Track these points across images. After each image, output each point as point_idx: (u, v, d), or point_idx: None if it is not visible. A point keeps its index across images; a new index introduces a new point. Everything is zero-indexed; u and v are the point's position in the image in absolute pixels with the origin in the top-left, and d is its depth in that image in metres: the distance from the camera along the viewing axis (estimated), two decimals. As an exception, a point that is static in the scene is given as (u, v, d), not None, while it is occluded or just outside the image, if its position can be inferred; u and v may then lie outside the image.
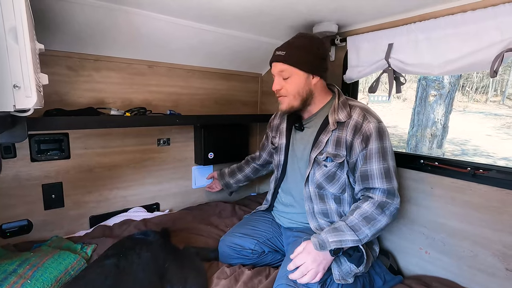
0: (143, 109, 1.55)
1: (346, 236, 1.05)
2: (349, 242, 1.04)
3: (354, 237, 1.05)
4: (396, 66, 1.34)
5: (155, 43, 1.55)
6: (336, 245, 1.04)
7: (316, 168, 1.21)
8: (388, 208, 1.09)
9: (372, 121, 1.14)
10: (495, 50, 1.03)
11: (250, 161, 1.74)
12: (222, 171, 1.79)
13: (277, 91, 1.21)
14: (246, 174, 1.73)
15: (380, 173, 1.11)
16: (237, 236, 1.36)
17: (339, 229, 1.07)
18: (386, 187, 1.10)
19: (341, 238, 1.04)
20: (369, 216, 1.08)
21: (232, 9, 1.27)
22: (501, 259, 1.10)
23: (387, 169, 1.12)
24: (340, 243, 1.04)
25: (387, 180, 1.11)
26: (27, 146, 1.40)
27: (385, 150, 1.13)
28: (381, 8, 1.26)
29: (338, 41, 1.56)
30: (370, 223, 1.07)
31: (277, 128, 1.46)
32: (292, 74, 1.17)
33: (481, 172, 1.15)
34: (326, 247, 1.04)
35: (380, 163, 1.11)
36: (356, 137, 1.14)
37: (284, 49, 1.18)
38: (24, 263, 1.09)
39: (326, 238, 1.05)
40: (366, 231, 1.06)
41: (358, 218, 1.08)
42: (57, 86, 1.44)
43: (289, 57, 1.16)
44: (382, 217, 1.08)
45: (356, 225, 1.06)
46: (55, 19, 1.20)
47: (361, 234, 1.06)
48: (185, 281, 1.09)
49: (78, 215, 1.59)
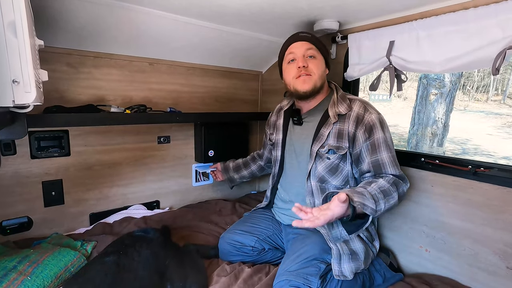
0: (143, 107, 1.55)
1: (368, 202, 0.94)
2: (369, 209, 0.94)
3: (373, 205, 0.95)
4: (397, 64, 1.33)
5: (155, 41, 1.54)
6: (359, 205, 0.92)
7: (318, 162, 1.21)
8: (401, 187, 1.10)
9: (373, 112, 1.17)
10: (497, 47, 1.02)
11: (257, 159, 1.73)
12: (226, 165, 1.76)
13: (304, 68, 1.18)
14: (252, 171, 1.72)
15: (390, 161, 1.12)
16: (237, 233, 1.36)
17: (362, 193, 0.97)
18: (398, 173, 1.13)
19: (364, 202, 0.94)
20: (386, 190, 1.03)
21: (233, 7, 1.26)
22: (502, 257, 1.09)
23: (394, 157, 1.15)
24: (362, 206, 0.93)
25: (397, 167, 1.14)
26: (27, 143, 1.40)
27: (389, 140, 1.16)
28: (382, 6, 1.26)
29: (339, 38, 1.55)
30: (386, 197, 1.01)
31: (274, 124, 1.47)
32: (317, 56, 1.22)
33: (482, 170, 1.15)
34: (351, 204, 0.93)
35: (388, 152, 1.13)
36: (359, 128, 1.15)
37: (308, 33, 1.24)
38: (24, 260, 1.09)
39: (352, 197, 0.93)
40: (382, 205, 0.99)
41: (377, 190, 1.01)
42: (57, 83, 1.43)
43: (315, 40, 1.24)
44: (396, 194, 1.05)
45: (375, 195, 0.98)
46: (55, 16, 1.20)
47: (378, 205, 0.97)
48: (185, 279, 1.09)
49: (78, 212, 1.59)
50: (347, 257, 1.11)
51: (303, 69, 1.19)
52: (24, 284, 0.98)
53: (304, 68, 1.19)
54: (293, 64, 1.22)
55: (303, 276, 1.04)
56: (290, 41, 1.25)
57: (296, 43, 1.22)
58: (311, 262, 1.10)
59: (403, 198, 1.12)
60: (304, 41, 1.21)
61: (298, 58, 1.20)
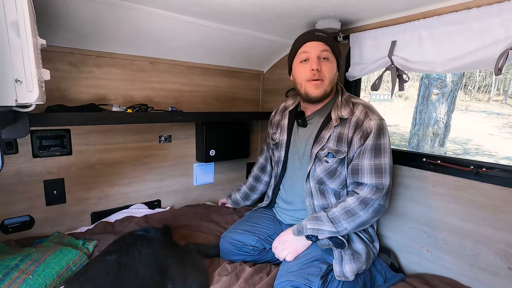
0: (145, 106, 1.55)
1: (324, 227, 1.09)
2: (326, 232, 1.09)
3: (332, 228, 1.09)
4: (399, 64, 1.33)
5: (157, 40, 1.54)
6: (312, 232, 1.10)
7: (317, 164, 1.21)
8: (371, 205, 1.09)
9: (374, 118, 1.14)
10: (500, 47, 1.02)
11: (261, 177, 1.65)
12: (234, 199, 1.72)
13: (318, 71, 1.14)
14: (261, 191, 1.67)
15: (370, 169, 1.11)
16: (238, 232, 1.36)
17: (319, 218, 1.12)
18: (374, 183, 1.10)
19: (318, 227, 1.10)
20: (351, 210, 1.10)
21: (235, 6, 1.26)
22: (503, 258, 1.09)
23: (379, 166, 1.11)
24: (317, 231, 1.10)
25: (377, 176, 1.10)
26: (29, 142, 1.40)
27: (380, 147, 1.12)
28: (384, 5, 1.25)
29: (341, 38, 1.55)
30: (351, 217, 1.09)
31: (278, 124, 1.45)
32: (331, 58, 1.18)
33: (484, 170, 1.15)
34: (303, 232, 1.12)
35: (372, 159, 1.11)
36: (356, 133, 1.14)
37: (324, 33, 1.20)
38: (26, 258, 1.09)
39: (305, 225, 1.12)
40: (345, 225, 1.09)
41: (340, 211, 1.10)
42: (58, 82, 1.44)
43: (331, 41, 1.19)
44: (364, 212, 1.09)
45: (337, 217, 1.09)
46: (57, 15, 1.20)
47: (340, 226, 1.09)
48: (186, 278, 1.09)
49: (80, 211, 1.59)
50: (349, 257, 1.11)
51: (317, 72, 1.15)
52: (26, 282, 0.99)
53: (318, 71, 1.15)
54: (306, 65, 1.17)
55: (304, 277, 1.04)
56: (305, 39, 1.19)
57: (311, 43, 1.17)
58: (313, 262, 1.10)
59: (380, 212, 1.13)
60: (320, 42, 1.16)
61: (312, 60, 1.15)
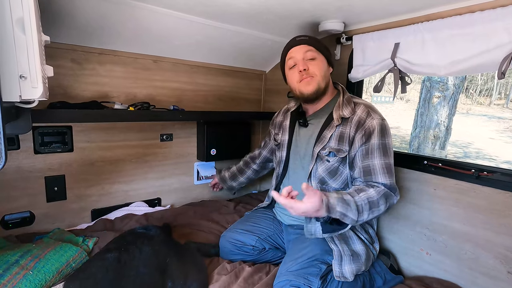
0: (147, 104, 1.55)
1: (350, 213, 1.00)
2: (349, 220, 1.01)
3: (354, 217, 1.00)
4: (402, 66, 1.33)
5: (160, 38, 1.54)
6: (339, 216, 0.99)
7: (319, 163, 1.21)
8: (390, 200, 1.09)
9: (376, 117, 1.15)
10: (503, 51, 1.02)
11: (250, 163, 1.73)
12: (222, 176, 1.79)
13: (305, 71, 1.20)
14: (248, 176, 1.73)
15: (382, 168, 1.11)
16: (238, 232, 1.36)
17: (347, 202, 1.00)
18: (388, 183, 1.11)
19: (345, 212, 0.99)
20: (375, 201, 1.04)
21: (238, 6, 1.26)
22: (503, 262, 1.09)
23: (389, 165, 1.13)
24: (343, 216, 0.99)
25: (389, 175, 1.12)
26: (30, 138, 1.41)
27: (386, 146, 1.14)
28: (387, 7, 1.25)
29: (344, 39, 1.55)
30: (371, 209, 1.03)
31: (280, 125, 1.46)
32: (317, 57, 1.22)
33: (486, 174, 1.14)
34: (332, 213, 0.98)
35: (381, 159, 1.12)
36: (358, 131, 1.15)
37: (306, 36, 1.25)
38: (26, 254, 1.09)
39: (335, 205, 0.98)
40: (365, 216, 1.03)
41: (364, 200, 1.03)
42: (61, 78, 1.44)
43: (313, 41, 1.24)
44: (383, 207, 1.07)
45: (361, 206, 1.02)
46: (61, 11, 1.20)
47: (361, 216, 1.02)
48: (186, 277, 1.09)
49: (80, 208, 1.59)
50: (348, 258, 1.11)
51: (304, 72, 1.20)
52: (26, 278, 0.99)
53: (305, 71, 1.20)
54: (295, 69, 1.24)
55: (304, 276, 1.04)
56: (289, 46, 1.27)
57: (294, 48, 1.23)
58: (312, 262, 1.10)
59: (392, 206, 1.12)
60: (302, 45, 1.22)
61: (298, 62, 1.22)
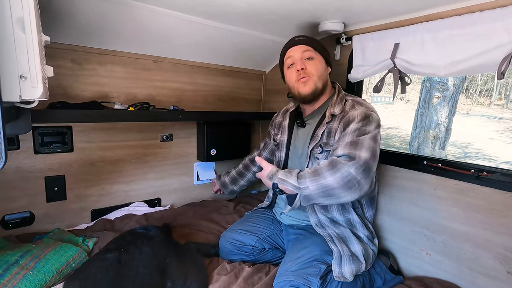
0: (147, 104, 1.55)
1: (290, 180, 1.08)
2: (290, 185, 1.08)
3: (295, 183, 1.06)
4: (401, 66, 1.33)
5: (160, 38, 1.54)
6: (279, 181, 1.11)
7: (312, 161, 1.23)
8: (339, 169, 1.00)
9: (359, 108, 1.16)
10: (503, 51, 1.02)
11: (250, 165, 1.72)
12: (222, 181, 1.79)
13: (303, 70, 1.22)
14: (248, 179, 1.73)
15: (346, 144, 1.08)
16: (238, 232, 1.36)
17: (290, 172, 1.11)
18: (347, 152, 1.05)
19: (286, 179, 1.09)
20: (318, 170, 1.05)
21: (239, 6, 1.26)
22: (502, 262, 1.09)
23: (356, 140, 1.07)
24: (283, 182, 1.09)
25: (351, 147, 1.05)
26: (30, 138, 1.41)
27: (365, 131, 1.09)
28: (387, 8, 1.25)
29: (344, 40, 1.55)
30: (315, 177, 1.03)
31: (279, 125, 1.47)
32: (315, 57, 1.24)
33: (485, 174, 1.14)
34: (272, 179, 1.13)
35: (352, 138, 1.08)
36: (341, 123, 1.16)
37: (304, 36, 1.27)
38: (26, 254, 1.09)
39: (277, 174, 1.13)
40: (308, 183, 1.04)
41: (309, 170, 1.09)
42: (61, 79, 1.44)
43: (311, 41, 1.26)
44: (330, 175, 1.01)
45: (304, 175, 1.07)
46: (61, 11, 1.20)
47: (303, 183, 1.05)
48: (186, 277, 1.09)
49: (80, 208, 1.59)
50: (348, 258, 1.11)
51: (302, 71, 1.22)
52: (26, 278, 0.99)
53: (303, 70, 1.22)
54: (293, 68, 1.26)
55: (304, 277, 1.04)
56: (287, 46, 1.29)
57: (293, 48, 1.26)
58: (312, 262, 1.10)
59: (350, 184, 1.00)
60: (300, 45, 1.25)
61: (296, 62, 1.24)
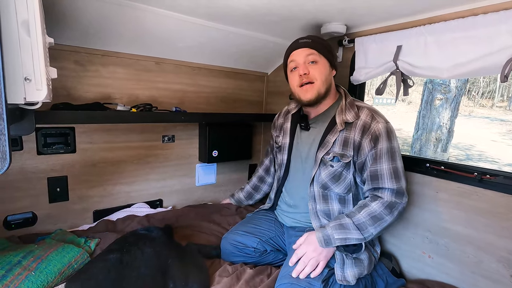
0: (149, 105, 1.56)
1: (352, 235, 1.08)
2: (354, 240, 1.08)
3: (359, 235, 1.07)
4: (404, 69, 1.33)
5: (162, 40, 1.55)
6: (340, 242, 1.08)
7: (322, 168, 1.21)
8: (396, 209, 1.11)
9: (381, 121, 1.15)
10: (507, 54, 1.02)
11: (265, 178, 1.67)
12: (238, 198, 1.75)
13: (305, 75, 1.18)
14: (265, 191, 1.70)
15: (389, 173, 1.11)
16: (240, 234, 1.36)
17: (345, 226, 1.09)
18: (395, 187, 1.11)
19: (346, 236, 1.08)
20: (377, 215, 1.09)
21: (241, 8, 1.26)
22: (505, 265, 1.09)
23: (396, 169, 1.12)
24: (345, 240, 1.08)
25: (396, 180, 1.12)
26: (33, 139, 1.41)
27: (394, 150, 1.14)
28: (390, 10, 1.25)
29: (346, 42, 1.55)
30: (377, 222, 1.09)
31: (280, 127, 1.46)
32: (319, 60, 1.20)
33: (488, 177, 1.14)
34: (331, 243, 1.08)
35: (389, 163, 1.12)
36: (364, 137, 1.14)
37: (308, 38, 1.22)
38: (29, 255, 1.10)
39: (332, 235, 1.08)
40: (371, 230, 1.08)
41: (365, 217, 1.09)
42: (64, 80, 1.45)
43: (315, 44, 1.21)
44: (390, 217, 1.10)
45: (363, 224, 1.08)
46: (64, 13, 1.21)
47: (366, 233, 1.08)
48: (187, 278, 1.09)
49: (82, 209, 1.60)
50: (350, 262, 1.11)
51: (305, 76, 1.19)
52: (28, 279, 0.99)
53: (306, 75, 1.18)
54: (296, 72, 1.23)
55: (306, 280, 1.04)
56: (291, 49, 1.25)
57: (297, 51, 1.22)
58: (314, 265, 1.09)
59: (401, 214, 1.14)
60: (304, 48, 1.20)
61: (299, 66, 1.21)
